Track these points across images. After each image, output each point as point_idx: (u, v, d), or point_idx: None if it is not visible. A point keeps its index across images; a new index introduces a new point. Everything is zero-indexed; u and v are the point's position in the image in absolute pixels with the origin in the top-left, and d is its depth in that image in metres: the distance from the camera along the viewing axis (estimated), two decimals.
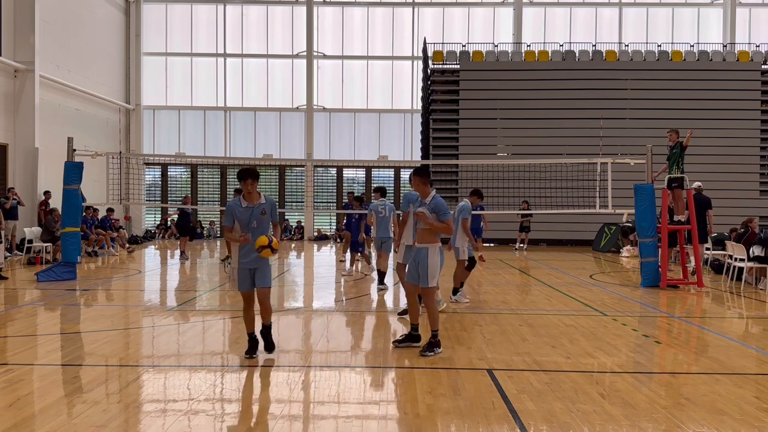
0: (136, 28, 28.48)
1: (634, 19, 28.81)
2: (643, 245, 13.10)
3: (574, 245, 24.36)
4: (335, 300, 11.46)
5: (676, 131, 13.33)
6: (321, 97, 29.00)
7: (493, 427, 4.90)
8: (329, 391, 5.85)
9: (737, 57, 25.86)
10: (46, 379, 6.04)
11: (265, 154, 28.48)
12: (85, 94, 24.13)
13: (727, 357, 7.09)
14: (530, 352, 7.21)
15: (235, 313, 9.78)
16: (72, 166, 13.44)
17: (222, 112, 29.21)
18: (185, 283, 13.69)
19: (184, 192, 28.21)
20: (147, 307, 10.47)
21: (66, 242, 13.29)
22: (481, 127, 25.32)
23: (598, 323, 8.97)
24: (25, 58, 20.33)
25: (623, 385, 5.97)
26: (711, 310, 10.81)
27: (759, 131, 25.06)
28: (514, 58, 26.30)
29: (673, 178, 13.06)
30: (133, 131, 28.63)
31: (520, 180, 20.49)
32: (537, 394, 5.63)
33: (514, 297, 11.60)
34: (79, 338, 7.89)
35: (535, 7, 28.79)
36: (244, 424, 4.98)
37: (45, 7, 21.23)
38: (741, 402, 5.49)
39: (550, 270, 16.18)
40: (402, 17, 29.05)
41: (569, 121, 24.67)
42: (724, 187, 23.61)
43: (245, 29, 29.13)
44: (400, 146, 29.05)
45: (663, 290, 12.40)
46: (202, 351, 7.33)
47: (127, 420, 5.00)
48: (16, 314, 9.47)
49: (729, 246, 13.74)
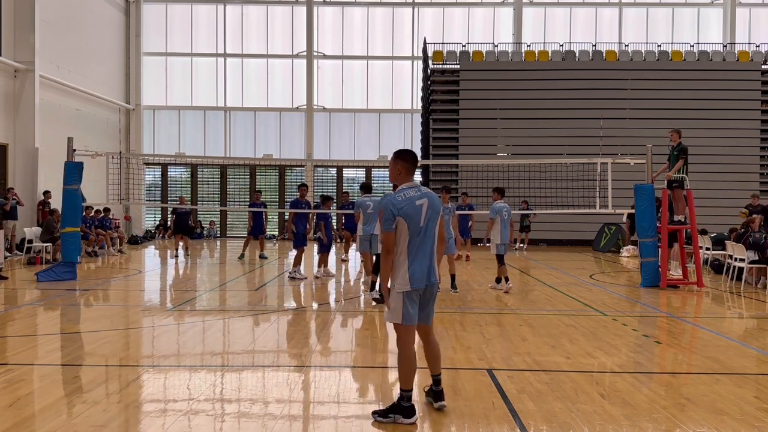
0: (136, 28, 28.48)
1: (634, 19, 28.81)
2: (643, 245, 13.10)
3: (574, 245, 24.36)
4: (335, 300, 11.45)
5: (677, 131, 13.34)
6: (321, 97, 29.00)
7: (493, 427, 4.90)
8: (329, 391, 5.85)
9: (737, 57, 25.85)
10: (46, 379, 6.04)
11: (265, 154, 28.48)
12: (85, 94, 24.12)
13: (727, 357, 7.09)
14: (530, 352, 7.21)
15: (235, 313, 9.79)
16: (72, 166, 13.44)
17: (222, 112, 29.20)
18: (185, 283, 13.70)
19: (184, 192, 28.25)
20: (147, 307, 10.48)
21: (66, 242, 13.28)
22: (481, 127, 25.31)
23: (598, 323, 8.97)
24: (25, 58, 20.32)
25: (623, 385, 5.97)
26: (711, 310, 10.81)
27: (759, 131, 25.05)
28: (514, 58, 26.30)
29: (673, 178, 13.07)
30: (133, 131, 28.63)
31: (520, 180, 20.47)
32: (537, 394, 5.63)
33: (514, 297, 11.59)
34: (79, 338, 7.89)
35: (535, 7, 28.78)
36: (244, 424, 4.98)
37: (45, 7, 21.23)
38: (741, 402, 5.49)
39: (550, 270, 16.18)
40: (402, 17, 29.05)
41: (569, 121, 24.66)
42: (724, 187, 23.63)
43: (245, 29, 29.12)
44: (400, 146, 28.36)
45: (663, 290, 12.40)
46: (202, 351, 7.33)
47: (127, 420, 5.00)
48: (16, 314, 9.47)
49: (729, 246, 13.74)
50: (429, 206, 4.99)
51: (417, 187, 5.06)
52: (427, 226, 4.98)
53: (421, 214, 4.95)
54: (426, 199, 5.00)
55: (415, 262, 4.93)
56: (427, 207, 4.98)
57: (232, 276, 14.57)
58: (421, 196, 5.00)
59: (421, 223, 4.95)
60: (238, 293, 12.01)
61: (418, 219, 4.94)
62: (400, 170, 5.10)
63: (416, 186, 5.08)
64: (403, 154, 5.15)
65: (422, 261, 4.95)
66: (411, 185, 5.05)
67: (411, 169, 5.12)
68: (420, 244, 4.96)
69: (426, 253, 4.99)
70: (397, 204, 4.92)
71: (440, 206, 5.09)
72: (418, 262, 4.94)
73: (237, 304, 10.78)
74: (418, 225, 4.94)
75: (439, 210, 5.06)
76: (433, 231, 5.03)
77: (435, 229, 5.05)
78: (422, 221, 4.95)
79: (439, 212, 5.07)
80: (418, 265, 4.94)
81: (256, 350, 7.41)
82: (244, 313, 9.74)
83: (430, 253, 5.02)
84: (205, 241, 26.72)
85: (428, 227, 4.99)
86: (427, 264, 4.99)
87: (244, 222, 29.05)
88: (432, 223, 5.01)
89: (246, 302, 10.92)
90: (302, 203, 14.42)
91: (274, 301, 11.20)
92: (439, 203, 5.10)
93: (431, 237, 5.03)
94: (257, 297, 11.50)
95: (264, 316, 9.54)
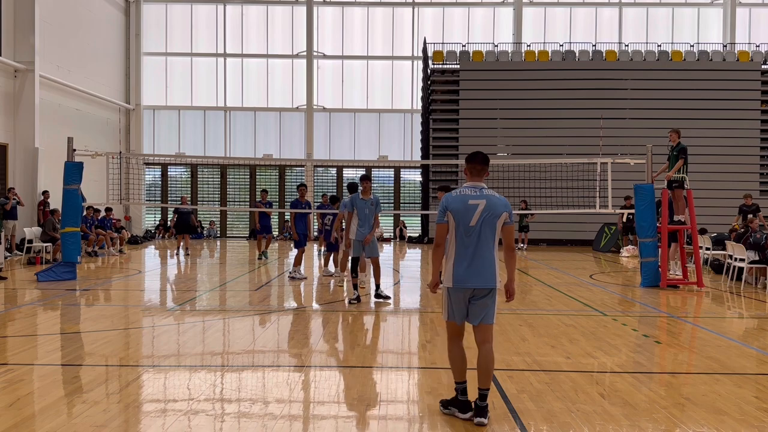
0: (136, 28, 28.48)
1: (634, 19, 28.80)
2: (643, 245, 13.10)
3: (574, 245, 24.36)
4: (335, 300, 11.44)
5: (677, 131, 13.33)
6: (321, 97, 29.00)
7: (493, 427, 4.89)
8: (329, 391, 5.85)
9: (737, 57, 25.85)
10: (46, 379, 6.04)
11: (265, 154, 28.48)
12: (85, 94, 24.12)
13: (727, 357, 7.09)
14: (530, 352, 7.21)
15: (235, 313, 9.79)
16: (72, 166, 13.44)
17: (222, 112, 29.20)
18: (185, 283, 13.70)
19: (184, 192, 28.26)
20: (147, 307, 10.48)
21: (66, 242, 13.28)
22: (481, 127, 25.31)
23: (598, 323, 8.97)
24: (25, 58, 20.32)
25: (623, 385, 5.97)
26: (711, 310, 10.81)
27: (759, 131, 25.06)
28: (514, 58, 26.30)
29: (673, 179, 13.07)
30: (133, 131, 28.63)
31: (520, 180, 20.48)
32: (537, 394, 5.63)
33: (514, 297, 11.58)
34: (79, 338, 7.89)
35: (535, 7, 28.78)
36: (244, 424, 4.98)
37: (45, 7, 21.23)
38: (741, 402, 5.49)
39: (550, 270, 16.18)
40: (402, 17, 29.05)
41: (569, 121, 24.66)
42: (724, 187, 23.63)
43: (245, 29, 29.13)
44: (400, 146, 29.04)
45: (663, 290, 12.40)
46: (202, 351, 7.33)
47: (127, 420, 5.00)
48: (16, 314, 9.47)
49: (729, 246, 13.74)
50: (485, 208, 4.94)
51: (477, 187, 5.06)
52: (480, 227, 4.93)
53: (473, 214, 4.92)
54: (484, 200, 4.95)
55: (462, 261, 4.92)
56: (482, 208, 4.93)
57: (232, 276, 14.58)
58: (478, 197, 4.97)
59: (472, 222, 4.93)
60: (238, 293, 12.01)
61: (469, 218, 4.93)
62: (465, 171, 5.24)
63: (478, 186, 5.08)
64: (469, 157, 5.25)
65: (471, 261, 4.93)
66: (472, 185, 5.10)
67: (472, 169, 5.16)
68: (470, 244, 4.93)
69: (478, 254, 4.94)
70: (448, 199, 5.04)
71: (502, 211, 4.98)
72: (466, 261, 4.92)
73: (237, 304, 10.79)
74: (468, 224, 4.93)
75: (498, 214, 4.97)
76: (487, 233, 4.95)
77: (491, 232, 4.97)
78: (473, 221, 4.93)
79: (500, 216, 4.97)
80: (465, 263, 4.92)
81: (256, 350, 7.41)
82: (244, 313, 9.75)
83: (483, 255, 4.95)
84: (205, 241, 26.73)
85: (482, 229, 4.94)
86: (479, 265, 4.94)
87: (244, 222, 29.10)
88: (485, 226, 4.94)
89: (246, 302, 10.92)
90: (302, 204, 14.42)
91: (274, 301, 11.20)
92: (502, 207, 4.99)
93: (486, 239, 4.95)
94: (257, 297, 11.50)
95: (264, 316, 9.54)
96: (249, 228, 28.13)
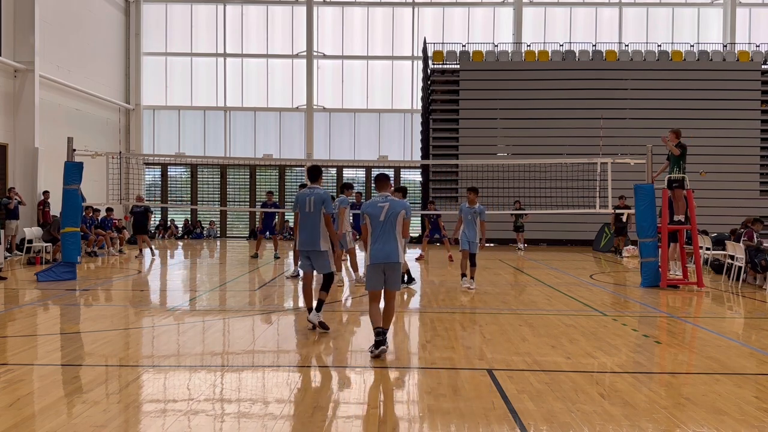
0: (136, 27, 28.48)
1: (634, 19, 28.80)
2: (643, 245, 13.10)
3: (574, 245, 24.36)
4: (335, 300, 11.44)
5: (677, 132, 13.31)
6: (321, 97, 29.00)
7: (493, 427, 4.90)
8: (329, 391, 5.85)
9: (737, 57, 25.86)
10: (46, 379, 6.04)
11: (265, 154, 28.48)
12: (85, 94, 24.13)
13: (727, 357, 7.09)
14: (530, 352, 7.21)
15: (235, 313, 9.79)
16: (72, 166, 13.44)
17: (222, 112, 29.21)
18: (185, 283, 13.69)
19: (184, 192, 28.29)
20: (147, 307, 10.48)
21: (66, 242, 13.28)
22: (481, 127, 25.32)
23: (598, 323, 8.97)
24: (25, 58, 20.32)
25: (623, 385, 5.97)
26: (711, 310, 10.81)
27: (759, 131, 25.06)
28: (514, 58, 26.30)
29: (673, 179, 13.05)
30: (133, 131, 28.63)
31: (520, 180, 20.49)
32: (537, 394, 5.63)
33: (514, 297, 11.60)
34: (79, 338, 7.89)
35: (535, 7, 28.78)
36: (244, 424, 4.98)
37: (45, 7, 21.23)
38: (741, 402, 5.49)
39: (550, 270, 16.18)
40: (402, 17, 29.05)
41: (569, 121, 24.67)
42: (724, 187, 23.65)
43: (245, 29, 29.13)
44: (400, 146, 29.05)
45: (663, 290, 12.40)
46: (202, 351, 7.32)
47: (127, 420, 5.00)
48: (16, 314, 9.47)
49: (729, 246, 13.74)
50: (389, 208, 7.02)
51: (383, 195, 7.20)
52: (386, 221, 6.99)
53: (381, 213, 7.02)
54: (387, 203, 7.05)
55: (375, 244, 7.02)
56: (387, 209, 7.01)
57: (232, 276, 14.58)
58: (384, 201, 7.07)
59: (381, 218, 6.98)
60: (238, 293, 12.01)
61: (378, 215, 7.02)
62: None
63: (384, 195, 7.22)
64: (375, 178, 7.46)
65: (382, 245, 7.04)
66: (380, 194, 7.22)
67: (379, 185, 7.31)
68: (381, 233, 7.03)
69: (385, 239, 7.01)
70: (365, 204, 7.23)
71: (400, 209, 7.02)
72: (378, 245, 7.02)
73: (237, 304, 10.79)
74: (378, 219, 7.00)
75: (398, 212, 7.01)
76: (392, 224, 6.99)
77: (394, 224, 6.99)
78: (382, 217, 6.99)
79: (398, 213, 7.01)
80: (377, 246, 7.03)
81: (256, 350, 7.41)
82: (244, 313, 9.75)
83: (389, 240, 7.01)
84: (205, 241, 26.73)
85: (387, 222, 6.99)
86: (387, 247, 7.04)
87: (244, 222, 29.10)
88: (390, 220, 6.99)
89: (246, 302, 10.92)
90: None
91: (274, 301, 11.19)
92: (400, 207, 7.04)
93: (390, 228, 7.00)
94: (257, 297, 11.50)
95: (264, 316, 9.54)
96: (249, 228, 28.14)
